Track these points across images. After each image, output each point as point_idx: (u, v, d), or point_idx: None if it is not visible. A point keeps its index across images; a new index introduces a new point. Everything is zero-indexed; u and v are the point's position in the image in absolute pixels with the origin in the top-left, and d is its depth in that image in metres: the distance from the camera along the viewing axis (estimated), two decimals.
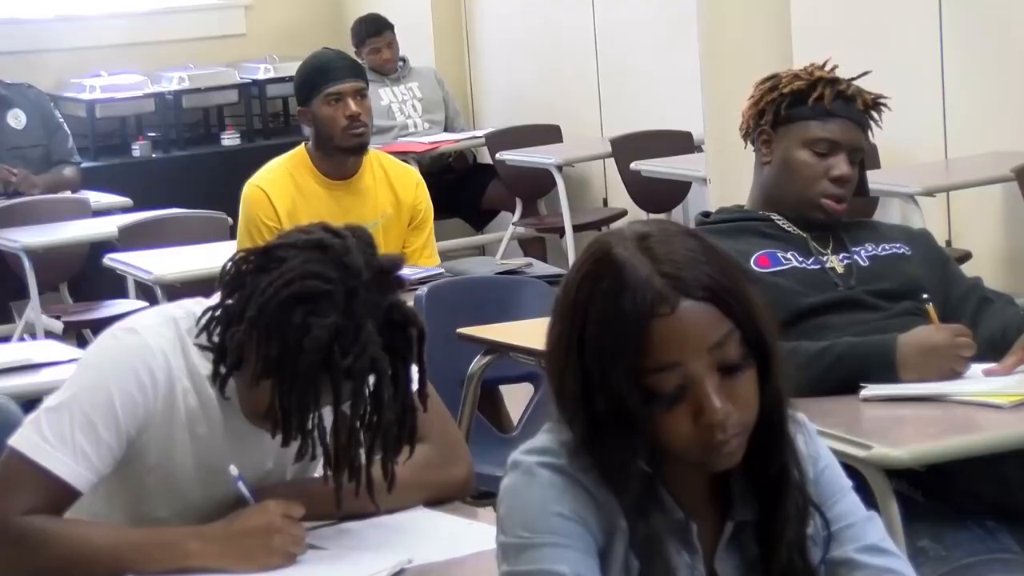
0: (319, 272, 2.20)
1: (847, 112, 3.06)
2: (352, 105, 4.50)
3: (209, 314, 2.29)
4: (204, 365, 2.32)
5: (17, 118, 7.15)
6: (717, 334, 1.72)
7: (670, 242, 1.75)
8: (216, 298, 2.30)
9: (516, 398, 4.28)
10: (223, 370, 2.28)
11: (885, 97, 3.10)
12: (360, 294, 2.19)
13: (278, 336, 2.19)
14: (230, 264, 2.29)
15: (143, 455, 2.33)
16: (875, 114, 3.09)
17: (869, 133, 3.11)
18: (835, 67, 3.11)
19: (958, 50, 6.09)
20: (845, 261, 3.05)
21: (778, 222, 3.08)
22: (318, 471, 2.46)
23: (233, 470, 2.32)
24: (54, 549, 2.24)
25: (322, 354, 2.17)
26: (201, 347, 2.32)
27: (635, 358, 1.70)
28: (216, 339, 2.28)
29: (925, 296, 2.96)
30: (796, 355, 2.77)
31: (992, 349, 2.88)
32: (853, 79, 3.11)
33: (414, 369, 2.28)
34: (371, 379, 2.22)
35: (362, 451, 2.29)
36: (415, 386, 2.30)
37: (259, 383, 2.24)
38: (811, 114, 3.05)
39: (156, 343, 2.31)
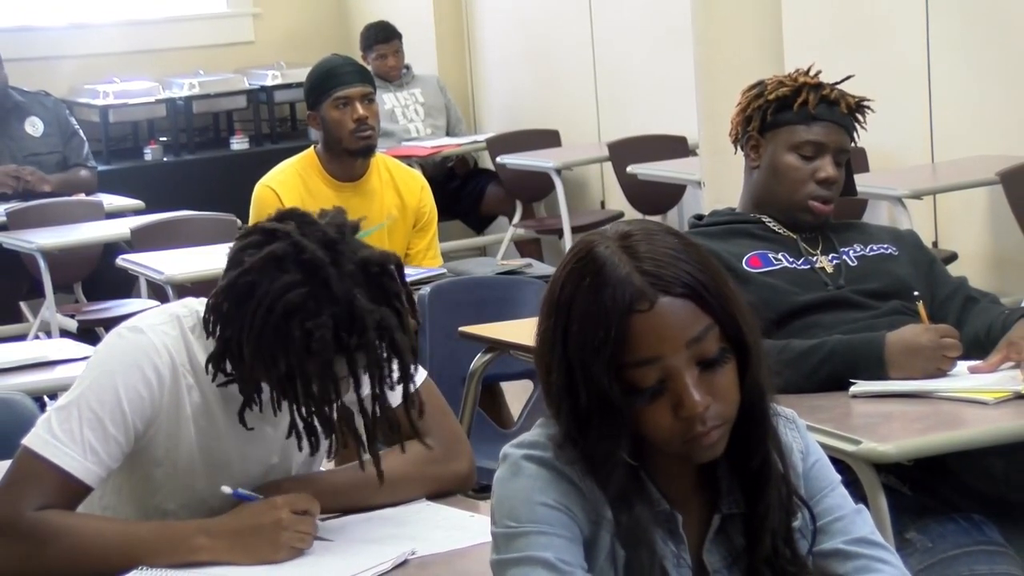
0: (289, 283, 2.21)
1: (831, 115, 3.09)
2: (359, 109, 4.54)
3: (212, 332, 2.30)
4: None
5: (34, 126, 7.21)
6: (695, 329, 1.73)
7: (651, 241, 1.76)
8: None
9: (516, 394, 4.31)
10: (223, 379, 2.31)
11: (868, 100, 3.13)
12: (332, 277, 2.20)
13: (284, 355, 2.21)
14: (207, 313, 2.29)
15: (151, 449, 2.35)
16: (859, 116, 3.12)
17: (854, 135, 3.14)
18: (819, 72, 3.14)
19: (945, 56, 6.08)
20: (834, 261, 3.07)
21: (768, 224, 3.10)
22: (323, 466, 2.51)
23: (225, 489, 2.34)
24: (66, 543, 2.26)
25: (332, 346, 2.20)
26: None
27: (616, 353, 1.71)
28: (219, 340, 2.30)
29: (916, 295, 2.97)
30: (787, 352, 2.81)
31: (977, 347, 2.91)
32: (837, 83, 3.14)
33: (417, 370, 2.32)
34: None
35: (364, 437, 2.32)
36: (418, 383, 2.34)
37: (282, 407, 2.28)
38: (796, 119, 3.08)
39: (161, 341, 2.33)
